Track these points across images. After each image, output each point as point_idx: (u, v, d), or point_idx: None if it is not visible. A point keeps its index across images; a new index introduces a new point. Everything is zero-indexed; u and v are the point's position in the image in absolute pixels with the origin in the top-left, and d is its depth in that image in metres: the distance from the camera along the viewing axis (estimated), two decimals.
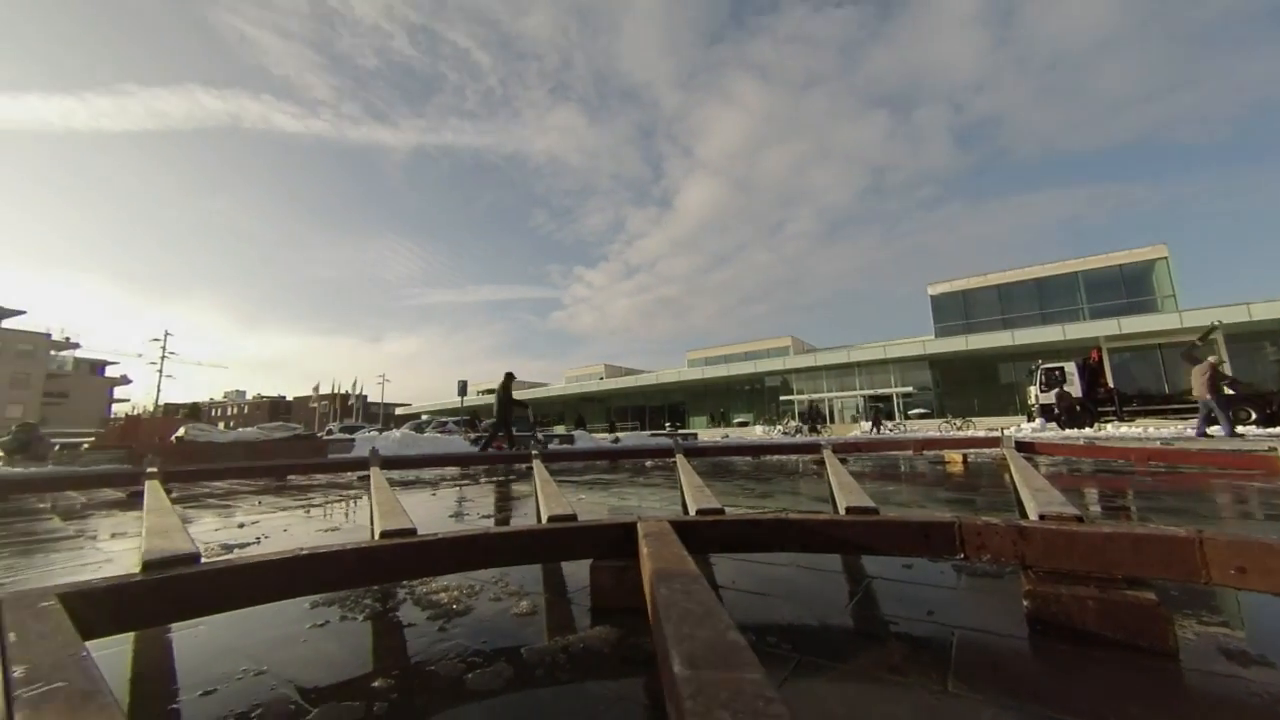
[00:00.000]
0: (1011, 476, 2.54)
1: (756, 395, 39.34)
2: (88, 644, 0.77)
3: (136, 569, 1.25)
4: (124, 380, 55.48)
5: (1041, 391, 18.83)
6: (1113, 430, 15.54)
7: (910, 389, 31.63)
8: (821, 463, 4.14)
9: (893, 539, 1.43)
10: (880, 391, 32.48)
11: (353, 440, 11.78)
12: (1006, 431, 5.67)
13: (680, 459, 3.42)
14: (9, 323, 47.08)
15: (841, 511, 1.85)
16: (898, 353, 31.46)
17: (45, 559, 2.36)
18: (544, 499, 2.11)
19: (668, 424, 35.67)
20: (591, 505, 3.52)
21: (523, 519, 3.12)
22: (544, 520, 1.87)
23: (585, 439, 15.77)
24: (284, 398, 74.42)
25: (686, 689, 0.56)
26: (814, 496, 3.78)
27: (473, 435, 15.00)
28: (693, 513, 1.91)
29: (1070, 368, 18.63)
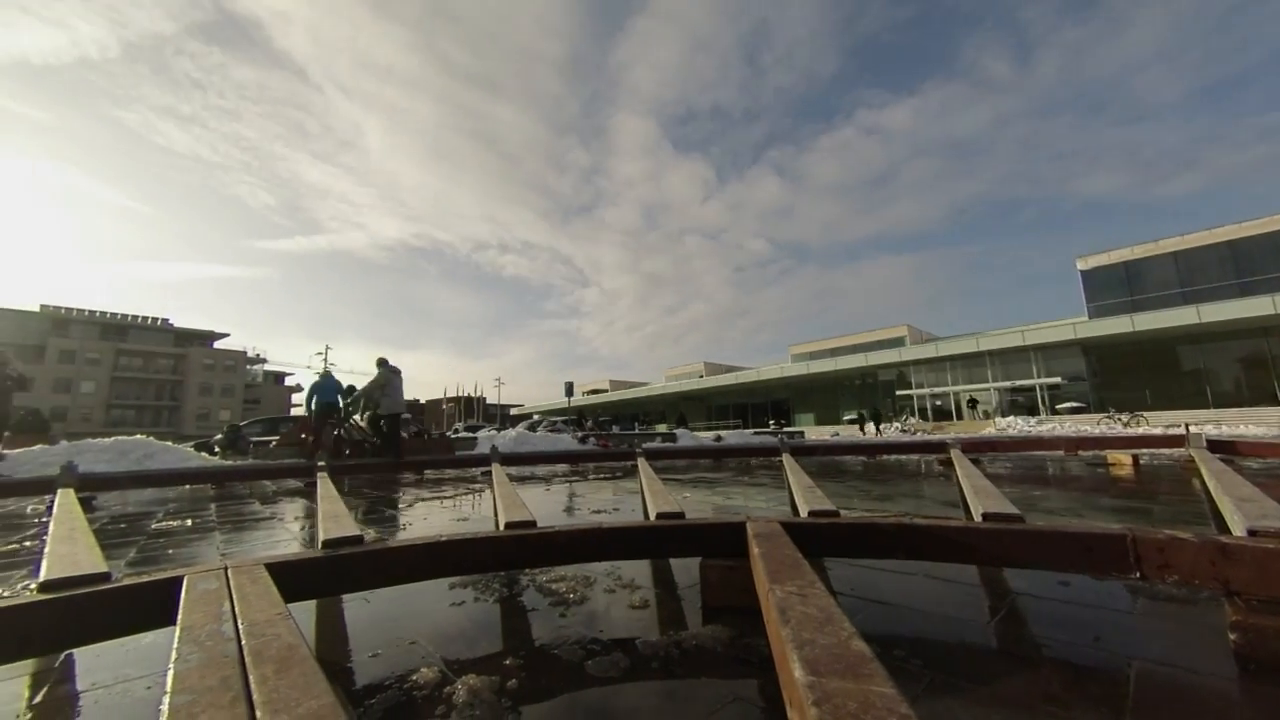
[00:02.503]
0: (1204, 482, 2.11)
1: (868, 390, 36.67)
2: (287, 606, 0.94)
3: (316, 547, 1.49)
4: (298, 388, 66.22)
5: None
6: None
7: (1058, 379, 27.48)
8: (948, 463, 3.75)
9: (1043, 551, 1.26)
10: (1020, 383, 28.64)
11: (475, 438, 12.92)
12: (1194, 428, 4.69)
13: (787, 458, 3.30)
14: (219, 344, 58.60)
15: (977, 518, 1.67)
16: (1040, 338, 27.49)
17: (251, 535, 2.90)
18: (651, 496, 2.16)
19: (772, 422, 34.54)
20: (697, 504, 3.52)
21: (630, 515, 3.21)
22: (652, 517, 1.91)
23: (687, 437, 15.79)
24: (418, 400, 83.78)
25: (810, 696, 0.54)
26: (941, 501, 3.44)
27: (579, 434, 15.72)
28: (804, 514, 1.83)
29: None
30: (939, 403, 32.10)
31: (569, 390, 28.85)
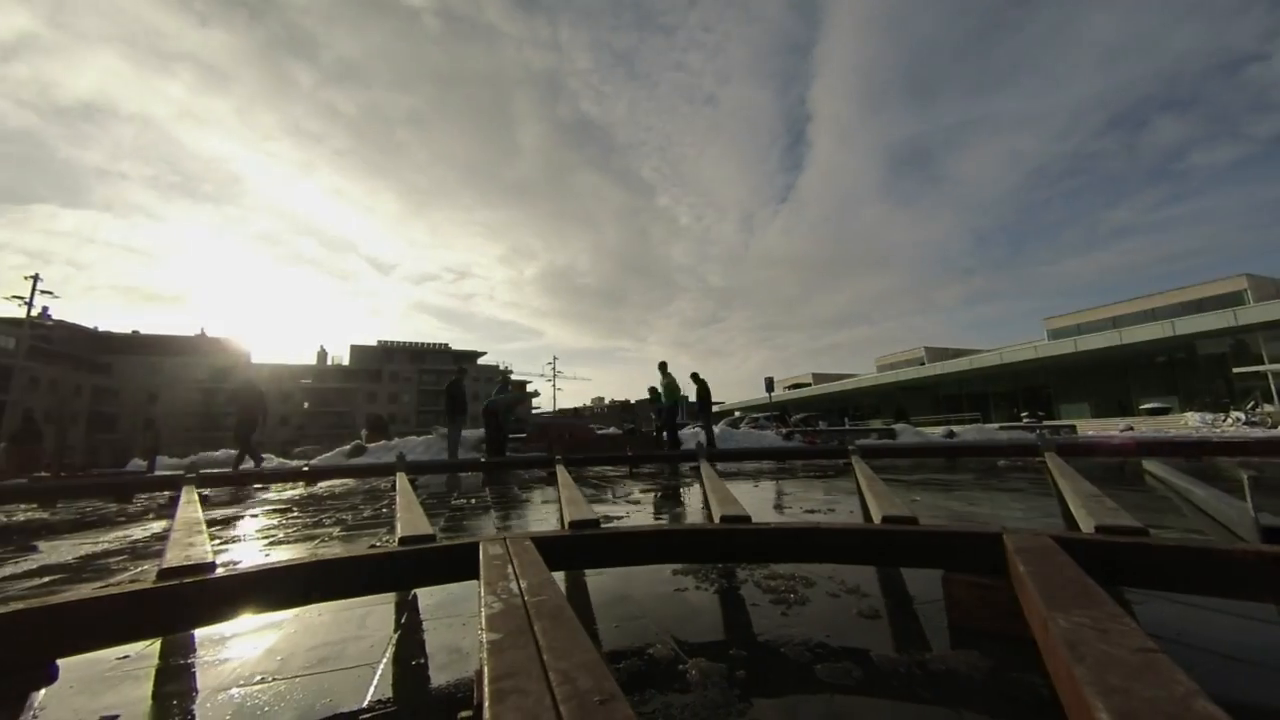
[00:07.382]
0: None
1: (1180, 369, 27.23)
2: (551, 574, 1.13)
3: (562, 527, 1.75)
4: (535, 394, 79.54)
5: None
6: None
7: None
8: None
9: None
10: None
11: (680, 436, 13.55)
12: None
13: (1052, 458, 2.67)
14: (481, 360, 74.47)
15: None
16: None
17: (514, 513, 3.56)
18: (873, 498, 1.97)
19: (1024, 414, 28.20)
20: (929, 508, 3.09)
21: (847, 517, 2.98)
22: (876, 520, 1.75)
23: (909, 433, 13.93)
24: (629, 401, 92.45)
25: None
26: None
27: (783, 430, 15.24)
28: (1087, 529, 1.46)
29: None
30: None
31: (769, 385, 28.15)
